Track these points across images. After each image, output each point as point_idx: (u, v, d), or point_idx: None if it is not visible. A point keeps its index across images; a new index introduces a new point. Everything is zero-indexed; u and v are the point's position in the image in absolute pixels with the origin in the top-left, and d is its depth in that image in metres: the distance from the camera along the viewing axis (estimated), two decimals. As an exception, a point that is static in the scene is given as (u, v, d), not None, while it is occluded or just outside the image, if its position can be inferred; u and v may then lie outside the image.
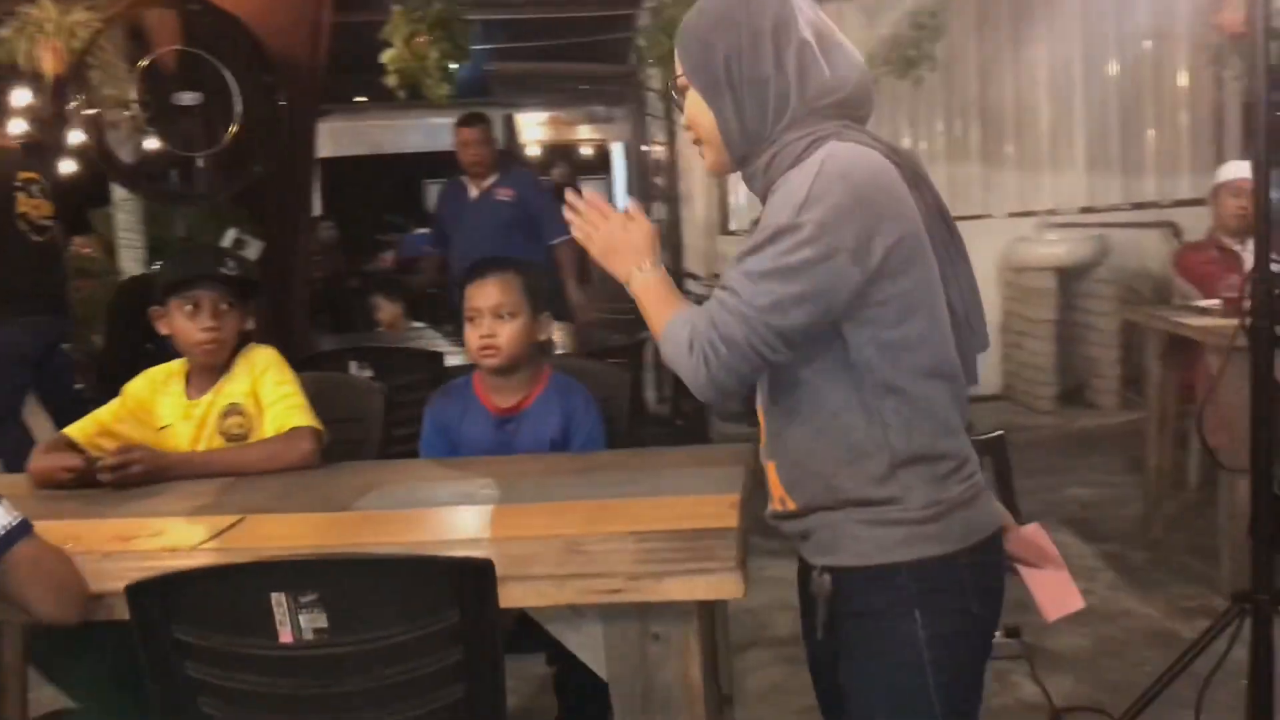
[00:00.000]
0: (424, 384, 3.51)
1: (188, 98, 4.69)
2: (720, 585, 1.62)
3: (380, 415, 2.84)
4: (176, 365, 2.71)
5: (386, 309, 5.43)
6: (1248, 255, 4.57)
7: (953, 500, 1.58)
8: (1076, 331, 6.67)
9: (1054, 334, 6.54)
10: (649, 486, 2.13)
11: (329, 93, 6.12)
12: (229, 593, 1.44)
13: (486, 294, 2.61)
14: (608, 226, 1.72)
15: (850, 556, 1.60)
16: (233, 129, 4.69)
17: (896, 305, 1.54)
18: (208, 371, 2.64)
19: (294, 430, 2.51)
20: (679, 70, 1.68)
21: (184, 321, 2.58)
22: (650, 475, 2.24)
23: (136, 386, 2.69)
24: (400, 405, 3.02)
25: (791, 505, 1.66)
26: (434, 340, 4.51)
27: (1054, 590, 1.83)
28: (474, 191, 5.37)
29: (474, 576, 1.45)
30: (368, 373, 3.43)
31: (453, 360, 3.71)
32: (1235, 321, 3.86)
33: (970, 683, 1.66)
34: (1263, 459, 2.17)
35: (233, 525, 2.05)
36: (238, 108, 4.72)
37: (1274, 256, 4.53)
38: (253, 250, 5.07)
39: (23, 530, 1.59)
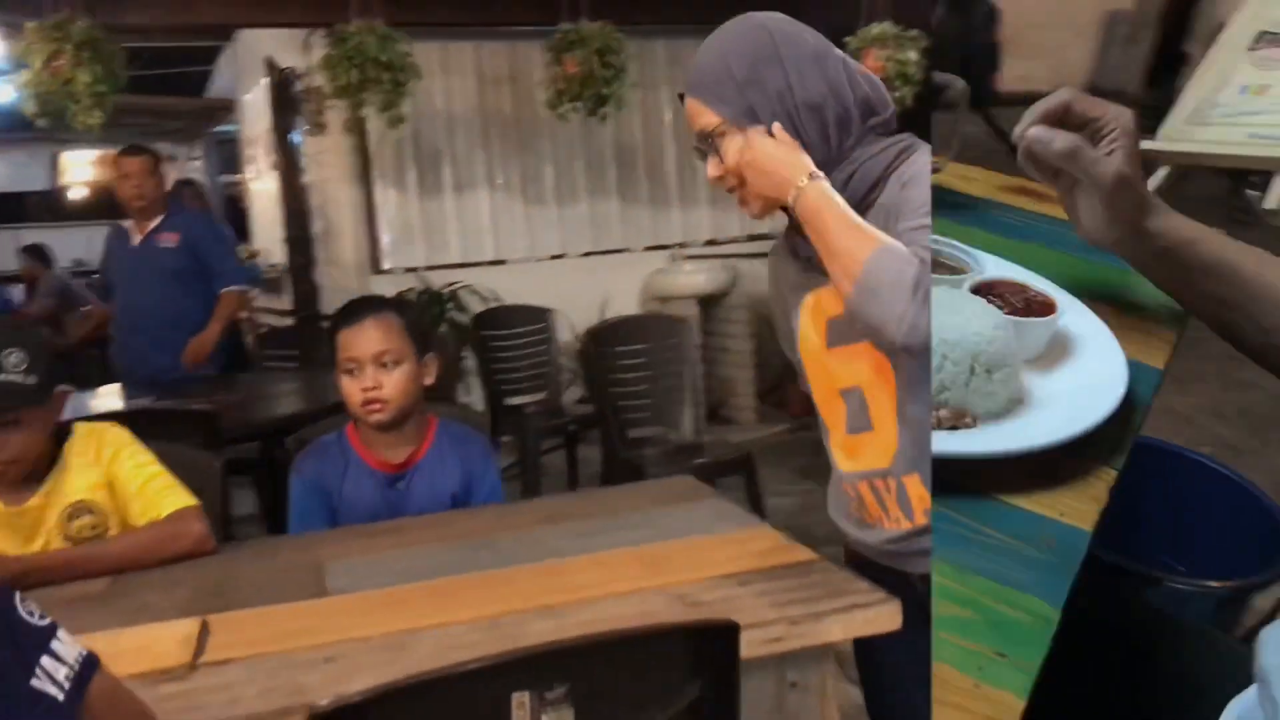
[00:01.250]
0: (202, 449, 3.04)
1: None
2: (880, 618, 1.55)
3: (219, 488, 2.43)
4: None
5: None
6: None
7: None
8: (712, 355, 7.08)
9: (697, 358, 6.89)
10: (655, 530, 1.97)
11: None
12: (453, 704, 1.17)
13: (366, 340, 2.31)
14: (758, 142, 1.55)
15: None
16: None
17: None
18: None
19: (178, 513, 2.07)
20: (708, 123, 1.59)
21: None
22: (630, 518, 2.08)
23: None
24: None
25: (924, 520, 1.58)
26: (136, 400, 3.89)
27: None
28: (136, 237, 4.72)
29: (719, 642, 1.28)
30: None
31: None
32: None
33: None
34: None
35: (203, 632, 1.66)
36: None
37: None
38: None
39: (94, 662, 1.21)
